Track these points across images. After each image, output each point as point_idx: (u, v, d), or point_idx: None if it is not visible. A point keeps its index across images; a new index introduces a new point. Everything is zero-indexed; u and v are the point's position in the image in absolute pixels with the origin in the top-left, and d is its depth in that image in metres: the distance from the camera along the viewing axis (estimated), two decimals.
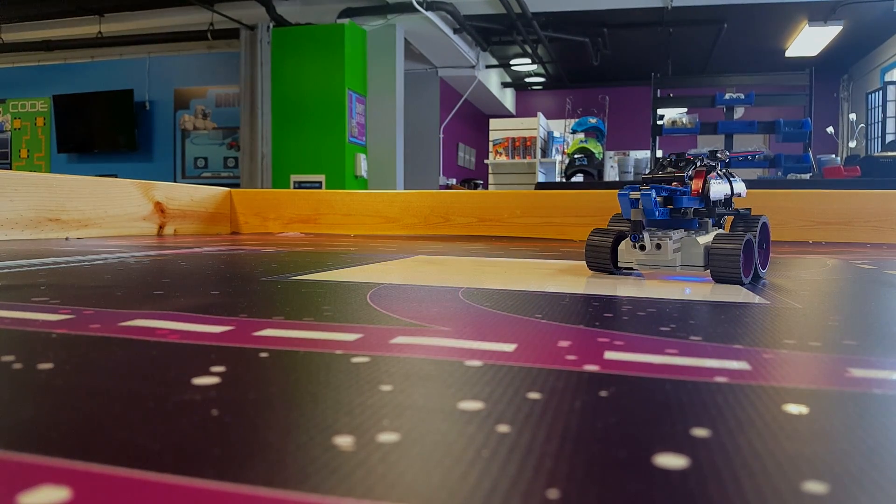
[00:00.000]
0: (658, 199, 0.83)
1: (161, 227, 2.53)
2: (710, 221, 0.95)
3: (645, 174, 0.90)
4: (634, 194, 0.81)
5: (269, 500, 0.20)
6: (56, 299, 0.63)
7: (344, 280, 0.84)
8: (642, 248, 0.86)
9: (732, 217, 0.98)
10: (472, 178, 6.79)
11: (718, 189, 0.92)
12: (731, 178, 0.98)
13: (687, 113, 4.10)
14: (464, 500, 0.20)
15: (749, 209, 1.00)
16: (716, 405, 0.30)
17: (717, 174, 0.93)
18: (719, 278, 0.84)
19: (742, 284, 0.83)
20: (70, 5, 4.88)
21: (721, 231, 0.95)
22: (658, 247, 0.86)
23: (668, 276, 0.93)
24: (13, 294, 0.67)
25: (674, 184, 0.87)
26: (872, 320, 0.56)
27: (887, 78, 5.44)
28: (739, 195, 1.00)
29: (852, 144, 4.36)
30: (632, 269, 0.94)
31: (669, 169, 0.90)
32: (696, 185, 0.91)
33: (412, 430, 0.26)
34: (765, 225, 0.96)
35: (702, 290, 0.77)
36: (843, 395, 0.32)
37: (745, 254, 0.84)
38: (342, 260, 1.22)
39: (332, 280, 0.84)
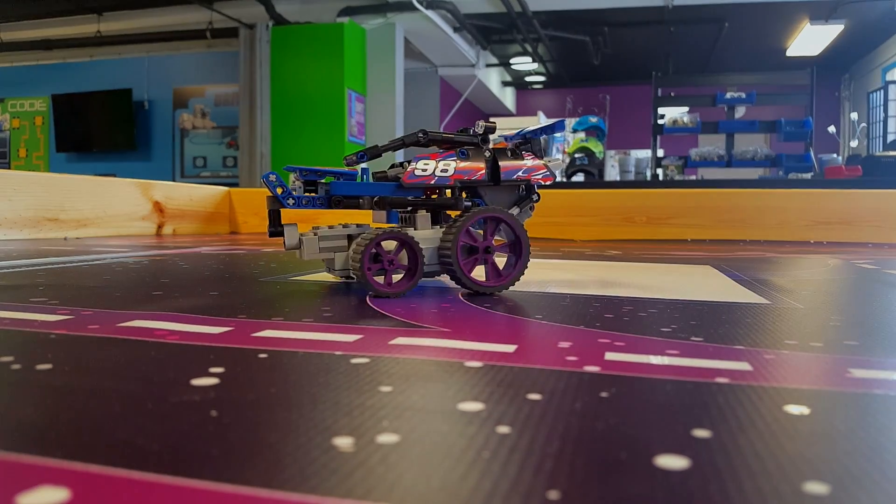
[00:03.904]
0: (298, 183, 0.69)
1: (160, 227, 2.52)
2: (423, 215, 0.74)
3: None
4: (272, 177, 0.67)
5: (269, 500, 0.20)
6: (55, 300, 0.63)
7: (343, 280, 0.84)
8: (288, 244, 0.71)
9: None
10: None
11: (431, 172, 0.71)
12: (507, 160, 0.74)
13: (688, 112, 4.10)
14: (464, 501, 0.20)
15: (471, 201, 0.74)
16: (717, 406, 0.30)
17: (462, 154, 0.72)
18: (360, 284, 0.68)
19: (383, 295, 0.66)
20: (69, 4, 4.88)
21: (370, 228, 0.72)
22: (302, 243, 0.71)
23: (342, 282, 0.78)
24: (12, 294, 0.67)
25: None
26: (873, 320, 0.56)
27: (888, 77, 5.44)
28: (527, 182, 0.74)
29: (853, 144, 4.36)
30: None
31: (379, 147, 0.71)
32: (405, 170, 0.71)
33: (412, 431, 0.26)
34: (495, 221, 0.72)
35: (700, 290, 0.77)
36: (844, 396, 0.32)
37: (391, 257, 0.67)
38: None
39: (332, 280, 0.84)
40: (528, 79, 7.33)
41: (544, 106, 7.25)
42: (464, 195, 0.75)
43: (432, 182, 0.71)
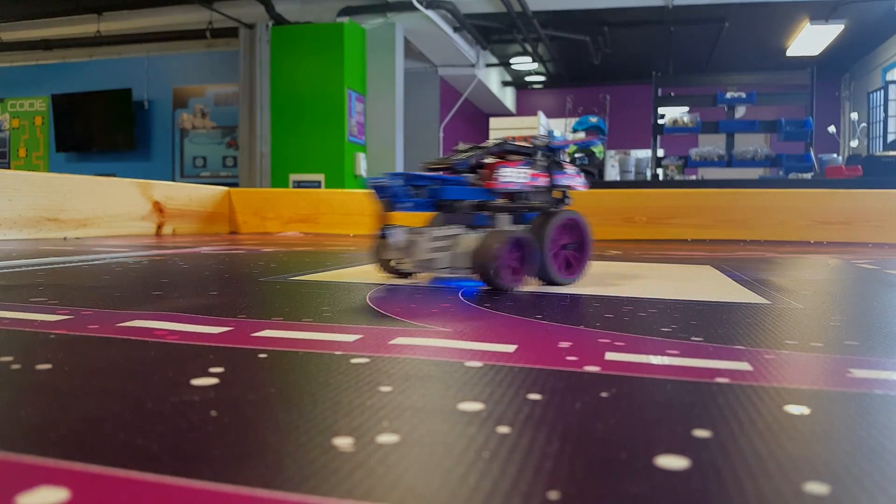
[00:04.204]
0: (411, 188, 0.73)
1: (159, 227, 2.52)
2: (504, 217, 0.81)
3: (429, 161, 0.79)
4: (381, 182, 0.71)
5: (269, 500, 0.19)
6: (54, 300, 0.63)
7: (343, 280, 0.84)
8: (392, 245, 0.75)
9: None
10: None
11: (516, 179, 0.78)
12: (557, 171, 0.84)
13: (688, 112, 4.10)
14: (464, 501, 0.20)
15: (562, 202, 0.85)
16: (717, 406, 0.30)
17: (528, 163, 0.80)
18: (481, 280, 0.73)
19: (505, 290, 0.72)
20: (69, 4, 4.87)
21: (494, 229, 0.79)
22: (411, 244, 0.75)
23: (441, 281, 0.81)
24: (11, 294, 0.67)
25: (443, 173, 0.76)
26: (874, 320, 0.56)
27: (889, 77, 5.43)
28: (569, 188, 0.85)
29: (854, 144, 4.36)
30: (407, 270, 0.81)
31: (462, 155, 0.78)
32: (486, 174, 0.78)
33: (412, 431, 0.26)
34: (573, 223, 0.82)
35: (700, 290, 0.77)
36: (844, 396, 0.32)
37: (518, 254, 0.73)
38: (341, 260, 1.22)
39: (332, 280, 0.84)
40: (528, 79, 7.32)
41: (544, 106, 7.24)
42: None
43: (514, 187, 0.79)
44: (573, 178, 0.86)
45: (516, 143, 0.81)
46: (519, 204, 0.81)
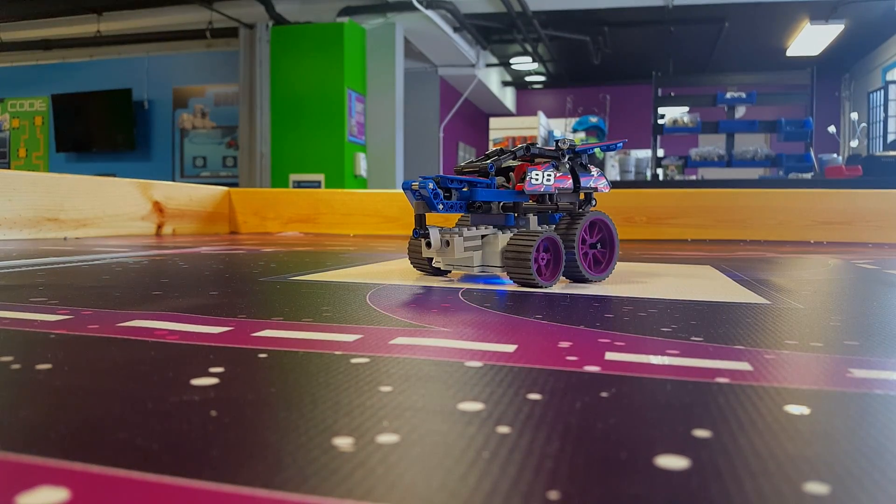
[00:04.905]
0: (442, 190, 0.77)
1: (159, 227, 2.52)
2: (532, 218, 0.86)
3: (461, 165, 0.84)
4: (415, 185, 0.75)
5: (269, 500, 0.19)
6: (54, 300, 0.63)
7: (343, 280, 0.84)
8: (429, 244, 0.79)
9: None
10: None
11: (541, 182, 0.82)
12: (583, 172, 0.87)
13: (688, 112, 4.10)
14: (464, 501, 0.20)
15: (589, 203, 0.89)
16: (717, 406, 0.30)
17: (553, 166, 0.83)
18: (514, 279, 0.77)
19: (539, 287, 0.76)
20: (69, 4, 4.87)
21: (525, 229, 0.84)
22: (447, 244, 0.80)
23: (471, 278, 0.86)
24: (11, 294, 0.67)
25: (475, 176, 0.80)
26: (874, 321, 0.56)
27: (889, 77, 5.43)
28: (595, 190, 0.89)
29: (854, 144, 4.36)
30: (443, 268, 0.86)
31: (493, 159, 0.82)
32: (516, 177, 0.83)
33: (412, 431, 0.26)
34: (600, 223, 0.87)
35: (700, 290, 0.77)
36: (844, 396, 0.32)
37: (548, 254, 0.78)
38: (341, 260, 1.22)
39: (332, 280, 0.84)
40: (528, 79, 7.32)
41: (544, 106, 7.25)
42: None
43: (542, 190, 0.82)
44: (598, 180, 0.89)
45: (544, 147, 0.85)
46: (546, 205, 0.85)
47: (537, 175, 0.82)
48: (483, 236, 0.83)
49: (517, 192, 0.84)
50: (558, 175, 0.83)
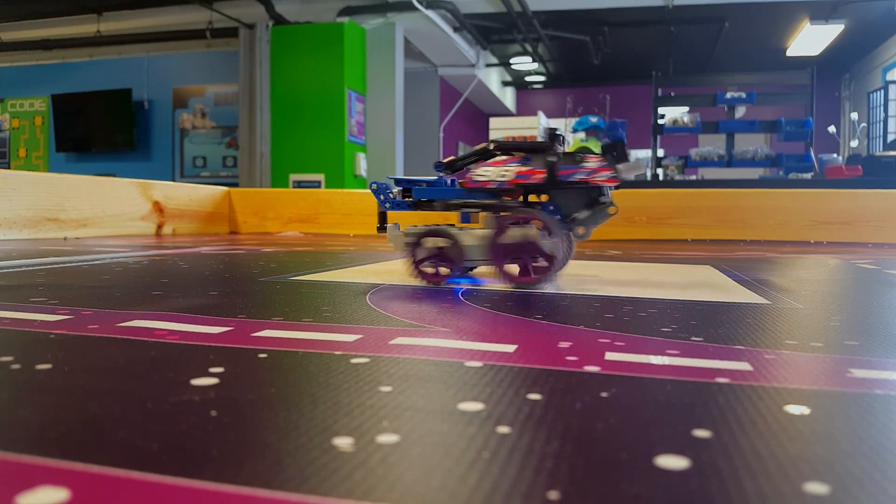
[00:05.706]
0: (397, 190, 0.85)
1: (159, 227, 2.52)
2: (490, 215, 0.83)
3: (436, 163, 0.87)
4: (373, 185, 0.85)
5: (269, 500, 0.19)
6: (54, 300, 0.63)
7: (343, 280, 0.84)
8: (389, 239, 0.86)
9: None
10: None
11: (493, 177, 0.80)
12: (567, 165, 0.80)
13: (688, 112, 4.10)
14: (464, 501, 0.20)
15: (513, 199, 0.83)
16: (717, 406, 0.30)
17: (523, 161, 0.80)
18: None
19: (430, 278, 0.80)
20: (69, 4, 4.87)
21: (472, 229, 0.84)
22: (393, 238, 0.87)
23: (464, 278, 0.88)
24: (11, 294, 0.67)
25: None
26: (874, 320, 0.56)
27: (889, 77, 5.43)
28: (586, 184, 0.80)
29: (854, 144, 4.36)
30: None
31: (473, 156, 0.83)
32: (467, 175, 0.84)
33: (412, 431, 0.26)
34: (517, 232, 0.78)
35: (700, 290, 0.77)
36: (844, 396, 0.32)
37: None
38: (341, 260, 1.22)
39: (332, 280, 0.84)
40: (528, 79, 7.32)
41: (544, 106, 7.25)
42: (532, 198, 0.84)
43: (492, 186, 0.80)
44: (594, 174, 0.79)
45: (512, 142, 0.83)
46: (488, 202, 0.81)
47: (486, 170, 0.80)
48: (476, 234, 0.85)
49: (466, 189, 0.83)
50: (524, 170, 0.79)
